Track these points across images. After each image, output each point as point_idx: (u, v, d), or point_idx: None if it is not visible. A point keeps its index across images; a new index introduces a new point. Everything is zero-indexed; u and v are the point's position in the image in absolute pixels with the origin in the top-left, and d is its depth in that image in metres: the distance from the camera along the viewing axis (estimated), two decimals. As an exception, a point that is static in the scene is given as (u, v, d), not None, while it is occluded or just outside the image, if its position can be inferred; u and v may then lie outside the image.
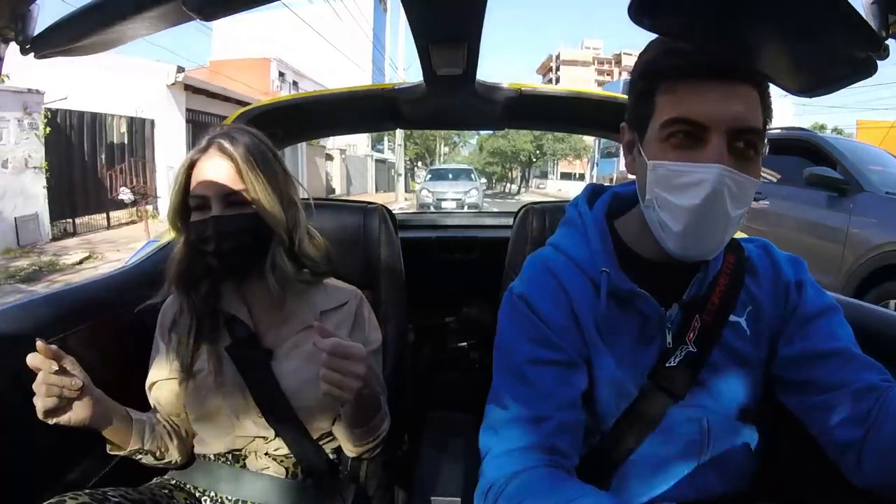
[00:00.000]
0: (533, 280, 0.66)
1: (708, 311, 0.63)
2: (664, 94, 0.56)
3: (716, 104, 0.53)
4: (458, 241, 1.76)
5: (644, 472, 0.63)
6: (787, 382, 0.63)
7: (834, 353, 0.60)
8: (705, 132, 0.53)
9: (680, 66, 0.54)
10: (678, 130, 0.55)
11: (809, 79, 0.54)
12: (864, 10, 0.44)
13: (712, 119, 0.53)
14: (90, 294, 0.90)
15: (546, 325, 0.63)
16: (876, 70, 0.47)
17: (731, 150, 0.54)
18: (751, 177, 0.55)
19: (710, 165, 0.53)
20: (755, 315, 0.65)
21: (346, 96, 1.22)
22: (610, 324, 0.63)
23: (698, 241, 0.57)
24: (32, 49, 0.61)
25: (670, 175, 0.55)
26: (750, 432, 0.66)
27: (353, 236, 1.07)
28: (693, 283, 0.63)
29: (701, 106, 0.53)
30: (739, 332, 0.64)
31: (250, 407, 0.77)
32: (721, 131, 0.53)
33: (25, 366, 0.62)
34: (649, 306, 0.62)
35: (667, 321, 0.63)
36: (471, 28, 0.79)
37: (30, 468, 0.72)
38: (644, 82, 0.58)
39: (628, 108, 0.63)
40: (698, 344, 0.62)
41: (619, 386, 0.63)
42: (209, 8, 0.58)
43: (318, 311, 0.82)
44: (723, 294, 0.63)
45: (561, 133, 26.83)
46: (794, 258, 0.69)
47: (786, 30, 0.48)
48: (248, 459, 0.79)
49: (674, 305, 0.63)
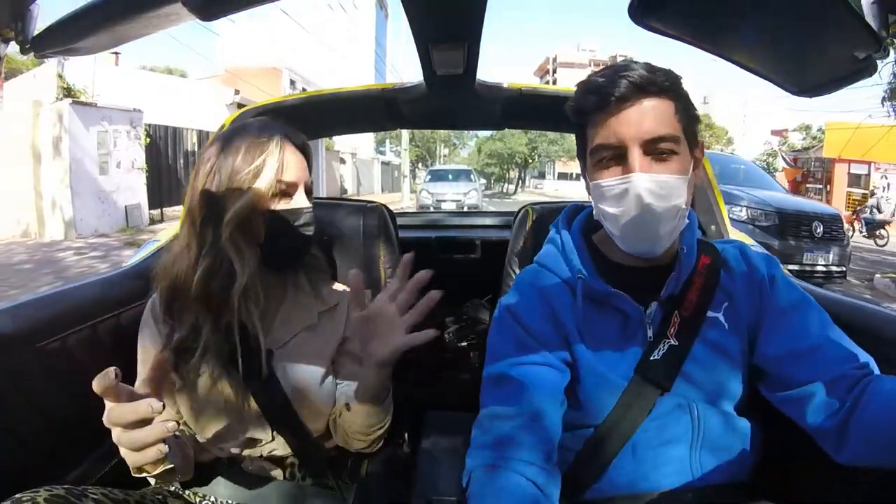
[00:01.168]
0: (518, 293, 0.75)
1: (686, 307, 0.69)
2: (590, 128, 0.68)
3: (628, 126, 0.63)
4: (458, 241, 1.75)
5: (640, 461, 0.66)
6: (765, 375, 0.68)
7: (808, 351, 0.65)
8: (625, 150, 0.64)
9: (596, 101, 0.65)
10: (604, 155, 0.66)
11: (809, 79, 0.55)
12: (865, 10, 0.44)
13: (627, 139, 0.64)
14: (90, 294, 0.89)
15: (527, 332, 0.70)
16: (876, 70, 0.47)
17: (652, 156, 0.64)
18: (671, 174, 0.64)
19: (629, 176, 0.63)
20: (732, 310, 0.70)
21: (346, 96, 1.22)
22: (591, 325, 0.70)
23: (641, 238, 0.67)
24: (32, 49, 0.61)
25: (604, 191, 0.67)
26: (741, 421, 0.69)
27: (353, 235, 1.07)
28: (669, 282, 0.69)
29: (618, 130, 0.64)
30: (718, 327, 0.69)
31: (250, 407, 0.76)
32: (636, 145, 0.63)
33: (25, 366, 0.62)
34: (627, 304, 0.69)
35: (646, 318, 0.69)
36: (471, 28, 0.79)
37: (30, 468, 0.72)
38: (576, 120, 0.70)
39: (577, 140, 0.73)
40: (679, 338, 0.68)
41: (606, 380, 0.68)
42: (209, 8, 0.58)
43: (316, 312, 0.82)
44: (700, 291, 0.70)
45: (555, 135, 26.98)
46: (767, 256, 0.77)
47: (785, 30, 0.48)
48: (245, 462, 0.79)
49: (652, 304, 0.69)
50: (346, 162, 19.63)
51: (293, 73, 17.00)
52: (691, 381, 0.68)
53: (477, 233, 1.84)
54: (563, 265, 0.75)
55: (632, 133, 0.63)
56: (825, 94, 0.54)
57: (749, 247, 0.78)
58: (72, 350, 0.79)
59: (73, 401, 0.79)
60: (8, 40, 0.60)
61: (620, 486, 0.67)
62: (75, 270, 5.32)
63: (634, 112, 0.63)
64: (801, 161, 16.93)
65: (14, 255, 6.11)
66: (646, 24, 0.49)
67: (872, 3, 0.45)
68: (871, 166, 14.32)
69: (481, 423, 0.67)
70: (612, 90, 0.63)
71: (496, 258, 1.10)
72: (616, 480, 0.67)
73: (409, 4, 0.69)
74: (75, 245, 6.63)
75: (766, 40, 0.51)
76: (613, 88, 0.63)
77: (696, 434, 0.66)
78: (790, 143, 20.64)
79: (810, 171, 16.50)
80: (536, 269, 0.78)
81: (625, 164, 0.64)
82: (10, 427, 0.69)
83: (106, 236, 7.39)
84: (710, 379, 0.68)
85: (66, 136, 7.02)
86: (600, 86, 0.65)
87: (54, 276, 4.98)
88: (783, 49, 0.52)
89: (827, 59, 0.51)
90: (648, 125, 0.63)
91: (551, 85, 1.64)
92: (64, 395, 0.78)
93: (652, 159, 0.64)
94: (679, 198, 0.65)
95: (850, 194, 14.99)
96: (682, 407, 0.67)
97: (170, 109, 9.69)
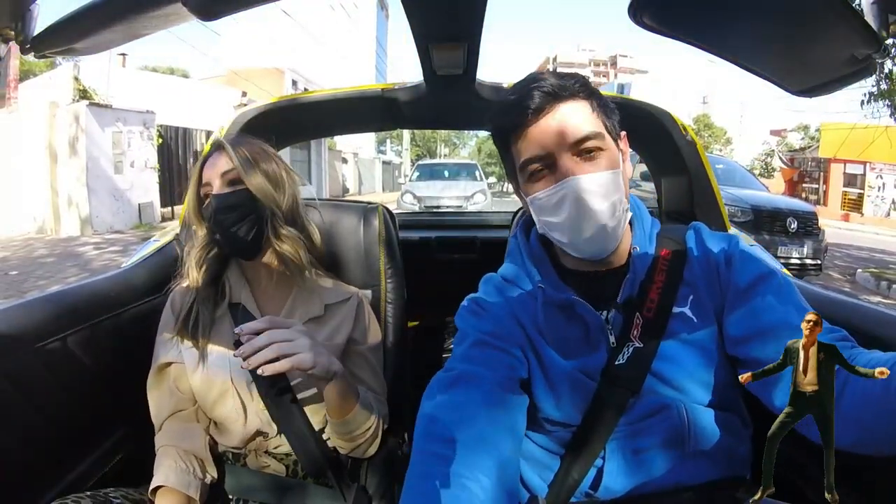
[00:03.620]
0: (483, 291, 0.77)
1: (648, 307, 0.67)
2: (514, 145, 0.67)
3: (550, 134, 0.63)
4: (458, 241, 1.75)
5: (628, 462, 0.65)
6: (738, 361, 0.65)
7: (770, 328, 0.61)
8: (552, 158, 0.64)
9: (514, 118, 0.65)
10: (534, 168, 0.66)
11: (809, 79, 0.55)
12: (865, 10, 0.44)
13: (551, 146, 0.64)
14: (90, 294, 0.89)
15: (491, 320, 0.71)
16: (875, 70, 0.47)
17: (580, 157, 0.64)
18: (603, 170, 0.64)
19: (563, 182, 0.63)
20: (697, 301, 0.68)
21: (346, 96, 1.22)
22: (556, 330, 0.69)
23: (589, 240, 0.66)
24: (32, 49, 0.61)
25: (542, 203, 0.66)
26: (730, 416, 0.68)
27: (353, 236, 1.07)
28: (625, 285, 0.68)
29: (542, 140, 0.64)
30: (686, 321, 0.67)
31: (255, 400, 0.77)
32: (564, 150, 0.63)
33: (25, 366, 0.62)
34: (587, 312, 0.68)
35: (606, 324, 0.68)
36: (471, 28, 0.79)
37: (30, 468, 0.72)
38: (500, 142, 0.70)
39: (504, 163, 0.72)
40: (644, 339, 0.66)
41: (577, 382, 0.67)
42: (209, 8, 0.57)
43: (323, 304, 0.85)
44: (661, 289, 0.68)
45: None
46: (723, 235, 0.73)
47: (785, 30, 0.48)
48: (248, 458, 0.80)
49: (611, 310, 0.69)
50: (349, 162, 19.92)
51: (295, 73, 17.09)
52: (664, 380, 0.66)
53: (477, 233, 1.84)
54: (525, 277, 0.75)
55: (556, 140, 0.63)
56: (825, 94, 0.54)
57: (704, 228, 0.75)
58: (72, 350, 0.79)
59: (73, 401, 0.80)
60: (8, 40, 0.60)
61: (610, 491, 0.66)
62: (98, 263, 5.43)
63: (553, 119, 0.64)
64: (797, 161, 16.96)
65: (34, 250, 6.28)
66: (645, 25, 0.49)
67: (872, 3, 0.45)
68: (867, 166, 14.34)
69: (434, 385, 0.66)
70: (528, 103, 0.64)
71: (496, 258, 1.10)
72: (604, 484, 0.66)
73: (409, 4, 0.69)
74: (92, 241, 6.91)
75: (766, 40, 0.51)
76: (529, 101, 0.64)
77: (686, 434, 0.65)
78: (788, 143, 20.65)
79: (807, 170, 16.53)
80: (498, 280, 0.78)
81: (556, 172, 0.64)
82: (11, 427, 0.69)
83: (120, 233, 7.71)
84: (686, 375, 0.66)
85: (83, 137, 7.32)
86: (515, 102, 0.65)
87: (79, 269, 5.11)
88: (783, 49, 0.52)
89: (827, 59, 0.50)
90: (570, 129, 0.63)
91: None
92: (64, 395, 0.78)
93: (581, 160, 0.64)
94: (616, 192, 0.65)
95: (845, 193, 15.02)
96: (669, 408, 0.65)
97: (177, 110, 9.90)
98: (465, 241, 1.75)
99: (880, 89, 5.57)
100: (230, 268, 0.86)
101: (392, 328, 1.04)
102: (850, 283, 5.82)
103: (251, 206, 0.80)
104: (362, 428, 0.78)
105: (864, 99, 5.76)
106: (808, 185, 16.29)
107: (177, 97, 10.77)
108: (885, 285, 5.45)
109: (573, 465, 0.67)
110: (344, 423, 0.76)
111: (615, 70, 55.03)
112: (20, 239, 7.14)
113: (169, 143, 9.28)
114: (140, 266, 1.04)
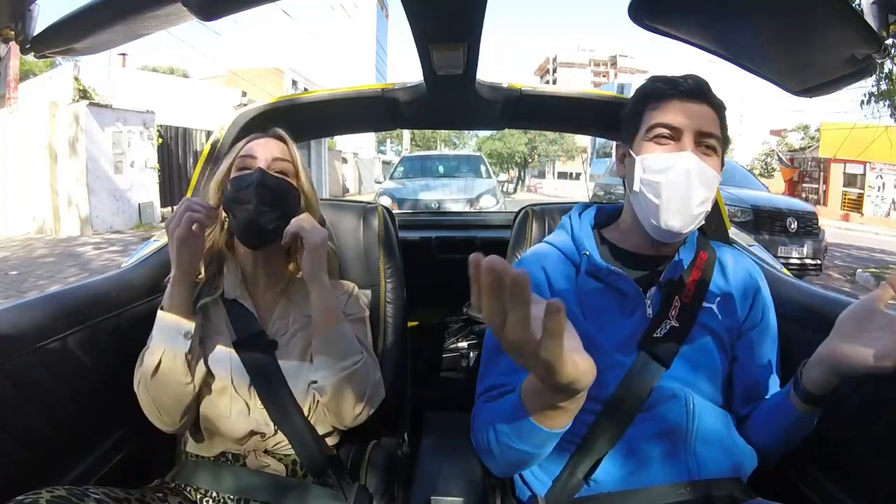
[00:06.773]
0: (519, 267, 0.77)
1: (686, 293, 0.75)
2: (651, 110, 0.75)
3: (686, 116, 0.72)
4: (458, 241, 1.75)
5: (630, 454, 0.68)
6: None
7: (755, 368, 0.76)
8: (680, 134, 0.72)
9: (663, 89, 0.74)
10: (660, 133, 0.73)
11: (809, 79, 0.55)
12: (865, 10, 0.44)
13: (684, 125, 0.72)
14: (90, 294, 0.89)
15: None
16: (875, 70, 0.47)
17: (698, 146, 0.72)
18: (711, 167, 0.72)
19: (682, 153, 0.72)
20: (725, 305, 0.77)
21: (346, 96, 1.22)
22: (590, 301, 0.76)
23: (678, 210, 0.72)
24: (32, 49, 0.61)
25: (653, 162, 0.73)
26: (730, 416, 0.74)
27: (353, 236, 1.07)
28: (669, 267, 0.77)
29: (678, 116, 0.73)
30: (713, 316, 0.76)
31: (254, 399, 0.77)
32: (690, 133, 0.72)
33: (25, 366, 0.62)
34: (626, 283, 0.75)
35: (644, 297, 0.75)
36: (471, 28, 0.79)
37: (30, 469, 0.72)
38: (639, 103, 0.77)
39: (623, 127, 0.80)
40: (680, 321, 0.73)
41: (608, 355, 0.71)
42: (209, 8, 0.58)
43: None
44: (696, 282, 0.77)
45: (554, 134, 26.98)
46: (758, 266, 0.85)
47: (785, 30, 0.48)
48: (248, 458, 0.79)
49: (652, 287, 0.76)
50: (349, 161, 20.13)
51: (295, 73, 17.11)
52: (689, 363, 0.72)
53: (477, 233, 1.84)
54: (571, 245, 0.82)
55: (690, 122, 0.72)
56: (825, 94, 0.54)
57: (744, 254, 0.86)
58: (72, 350, 0.79)
59: (73, 401, 0.79)
60: (8, 40, 0.60)
61: (609, 483, 0.68)
62: (98, 263, 5.41)
63: (694, 107, 0.72)
64: (797, 161, 16.96)
65: (34, 250, 6.27)
66: (646, 25, 0.49)
67: (872, 3, 0.45)
68: (867, 166, 14.34)
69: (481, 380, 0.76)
70: (684, 84, 0.73)
71: None
72: (607, 477, 0.67)
73: (409, 4, 0.70)
74: (92, 240, 6.89)
75: (766, 40, 0.51)
76: (683, 81, 0.73)
77: (690, 427, 0.68)
78: (788, 143, 20.63)
79: (807, 170, 16.53)
80: (543, 246, 0.85)
81: (676, 145, 0.72)
82: (11, 427, 0.69)
83: (120, 232, 7.72)
84: (705, 364, 0.73)
85: (83, 137, 7.29)
86: (670, 78, 0.75)
87: (79, 269, 5.09)
88: (783, 49, 0.52)
89: (827, 59, 0.51)
90: (704, 121, 0.72)
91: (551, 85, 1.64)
92: (64, 394, 0.78)
93: (700, 150, 0.72)
94: (711, 191, 0.73)
95: (845, 193, 15.02)
96: (676, 399, 0.69)
97: (177, 110, 9.94)
98: (466, 241, 1.75)
99: (880, 89, 5.58)
100: (226, 263, 0.87)
101: (392, 328, 1.04)
102: (850, 283, 5.84)
103: (289, 200, 0.82)
104: (349, 356, 0.78)
105: (864, 99, 5.77)
106: (808, 185, 16.29)
107: (177, 97, 10.84)
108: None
109: (578, 465, 0.68)
110: (330, 341, 0.78)
111: (615, 70, 55.04)
112: (20, 239, 7.15)
113: (169, 143, 9.29)
114: (140, 266, 1.04)
